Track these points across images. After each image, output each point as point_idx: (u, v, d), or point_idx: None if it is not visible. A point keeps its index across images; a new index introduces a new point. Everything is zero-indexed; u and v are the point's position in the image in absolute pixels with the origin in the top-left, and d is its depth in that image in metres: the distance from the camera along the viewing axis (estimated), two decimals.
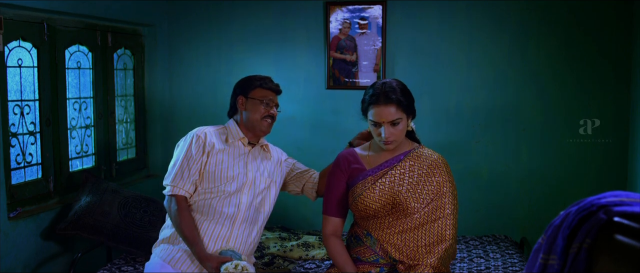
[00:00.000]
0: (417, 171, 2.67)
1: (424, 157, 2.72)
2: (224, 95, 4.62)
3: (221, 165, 2.97)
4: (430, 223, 2.62)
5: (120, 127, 4.45)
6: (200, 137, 3.00)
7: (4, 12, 3.30)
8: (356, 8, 4.42)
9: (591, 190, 3.65)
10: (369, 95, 2.62)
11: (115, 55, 4.34)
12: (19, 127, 3.51)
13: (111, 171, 4.30)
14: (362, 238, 2.70)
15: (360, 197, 2.63)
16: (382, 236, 2.64)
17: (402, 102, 2.58)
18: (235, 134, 3.07)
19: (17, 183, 3.49)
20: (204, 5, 4.66)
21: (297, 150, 4.57)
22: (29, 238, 3.48)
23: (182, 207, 2.92)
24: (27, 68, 3.58)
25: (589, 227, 1.21)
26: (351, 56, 4.46)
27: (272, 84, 3.14)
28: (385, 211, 2.63)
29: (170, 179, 2.96)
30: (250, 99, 3.06)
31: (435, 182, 2.66)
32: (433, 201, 2.64)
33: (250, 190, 3.00)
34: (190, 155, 2.96)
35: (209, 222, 2.93)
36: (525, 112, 4.33)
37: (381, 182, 2.64)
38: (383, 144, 2.62)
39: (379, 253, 2.65)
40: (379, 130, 2.59)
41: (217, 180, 2.95)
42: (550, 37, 4.25)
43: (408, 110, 2.62)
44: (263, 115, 3.05)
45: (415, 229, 2.61)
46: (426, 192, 2.64)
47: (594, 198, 1.26)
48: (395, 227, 2.63)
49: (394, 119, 2.57)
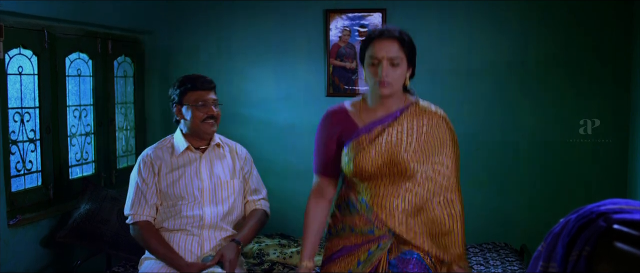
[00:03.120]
0: (416, 128, 2.43)
1: (423, 112, 2.47)
2: (225, 103, 4.63)
3: (175, 182, 2.93)
4: (431, 186, 2.41)
5: (120, 134, 4.45)
6: (146, 162, 2.97)
7: (4, 19, 3.31)
8: (356, 16, 4.43)
9: (591, 196, 3.65)
10: (370, 31, 2.45)
11: (115, 62, 4.35)
12: (19, 134, 3.51)
13: (111, 178, 4.30)
14: (356, 205, 2.45)
15: (355, 159, 2.39)
16: (378, 201, 2.39)
17: (405, 41, 2.39)
18: (181, 144, 2.99)
19: (17, 191, 3.49)
20: (204, 13, 4.67)
21: (296, 158, 4.58)
22: (28, 245, 3.47)
23: (148, 231, 2.91)
24: (27, 75, 3.58)
25: (589, 235, 1.21)
26: (351, 64, 4.47)
27: (204, 82, 2.98)
28: (382, 173, 2.39)
29: (129, 208, 2.96)
30: (185, 105, 2.95)
31: (437, 137, 2.44)
32: (435, 161, 2.41)
33: (212, 198, 2.96)
34: (142, 181, 2.94)
35: (179, 234, 2.92)
36: (524, 117, 4.33)
37: (378, 141, 2.39)
38: (378, 88, 2.37)
39: (374, 223, 2.40)
40: (377, 70, 2.36)
41: (176, 197, 2.93)
42: (549, 41, 4.26)
43: (409, 54, 2.41)
44: (202, 119, 2.93)
45: (415, 193, 2.40)
46: (427, 149, 2.41)
47: (593, 206, 1.26)
48: (392, 190, 2.40)
49: (395, 55, 2.35)
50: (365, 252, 2.43)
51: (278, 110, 4.63)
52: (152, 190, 2.94)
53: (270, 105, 4.64)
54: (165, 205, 2.95)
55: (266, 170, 4.51)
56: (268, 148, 4.63)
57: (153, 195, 2.94)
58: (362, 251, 2.44)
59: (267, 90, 4.64)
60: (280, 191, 4.46)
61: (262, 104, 4.65)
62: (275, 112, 4.63)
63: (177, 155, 2.98)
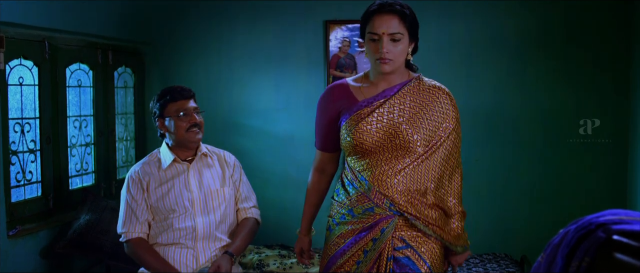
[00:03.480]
0: (418, 101, 2.37)
1: (426, 86, 2.42)
2: (224, 113, 4.65)
3: (165, 195, 2.92)
4: (432, 163, 2.35)
5: (120, 144, 4.45)
6: (134, 179, 2.96)
7: (5, 30, 3.32)
8: (356, 26, 4.45)
9: (591, 207, 3.65)
10: (370, 5, 2.36)
11: (115, 73, 4.36)
12: (19, 145, 3.52)
13: (111, 189, 4.30)
14: (355, 184, 2.38)
15: (353, 131, 2.33)
16: (378, 177, 2.32)
17: (407, 15, 2.31)
18: (167, 157, 2.97)
19: (17, 201, 3.49)
20: (204, 24, 4.69)
21: (295, 168, 4.58)
22: (28, 256, 3.47)
23: (142, 248, 2.90)
24: (28, 86, 3.59)
25: (588, 246, 1.21)
26: (351, 74, 4.48)
27: (182, 91, 2.97)
28: (383, 146, 2.32)
29: (121, 226, 2.95)
30: (167, 117, 2.93)
31: (439, 111, 2.37)
32: (437, 136, 2.36)
33: (203, 208, 2.94)
34: (131, 199, 2.93)
35: (173, 248, 2.90)
36: (524, 129, 4.34)
37: (378, 113, 2.34)
38: (379, 64, 2.31)
39: (374, 200, 2.33)
40: (377, 45, 2.30)
41: (167, 211, 2.91)
42: (548, 54, 4.28)
43: (411, 30, 2.34)
44: (187, 128, 2.91)
45: (417, 166, 2.33)
46: (429, 123, 2.35)
47: (593, 217, 1.26)
48: (393, 166, 2.33)
49: (395, 31, 2.28)
50: (370, 241, 2.35)
51: (278, 121, 4.64)
52: (142, 206, 2.92)
53: (270, 115, 4.64)
54: (157, 220, 2.93)
55: (265, 181, 4.52)
56: (268, 158, 4.63)
57: (143, 212, 2.92)
58: (366, 241, 2.36)
59: (267, 100, 4.65)
60: (279, 201, 4.46)
61: (262, 114, 4.65)
62: (275, 122, 4.64)
63: (165, 168, 2.96)
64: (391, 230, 2.33)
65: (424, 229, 2.34)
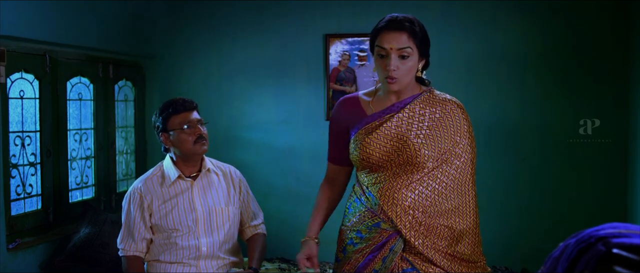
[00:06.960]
0: (428, 114, 2.30)
1: (437, 99, 2.35)
2: (224, 126, 4.66)
3: (168, 213, 2.86)
4: (444, 178, 2.28)
5: (120, 158, 4.46)
6: (135, 197, 2.90)
7: (6, 44, 3.34)
8: (355, 40, 4.47)
9: (591, 222, 3.65)
10: (380, 21, 2.30)
11: (116, 86, 4.37)
12: (20, 158, 3.52)
13: (111, 202, 4.29)
14: (362, 199, 2.35)
15: (361, 145, 2.30)
16: (385, 193, 2.26)
17: (416, 32, 2.23)
18: (172, 173, 2.90)
19: (17, 215, 3.48)
20: (204, 38, 4.71)
21: (296, 181, 4.58)
22: (27, 270, 3.46)
23: (134, 267, 2.88)
24: (28, 99, 3.60)
25: (588, 259, 1.21)
26: (351, 88, 4.49)
27: (184, 102, 2.89)
28: (391, 161, 2.27)
29: (119, 241, 2.95)
30: (171, 131, 2.86)
31: (451, 125, 2.31)
32: (448, 151, 2.29)
33: (207, 227, 2.89)
34: (130, 217, 2.90)
35: (175, 266, 2.87)
36: (524, 141, 4.35)
37: (386, 126, 2.29)
38: (387, 81, 2.25)
39: (381, 217, 2.29)
40: (385, 62, 2.23)
41: (170, 229, 2.86)
42: (548, 67, 4.29)
43: (421, 46, 2.26)
44: (193, 141, 2.84)
45: (427, 185, 2.27)
46: (440, 137, 2.28)
47: (593, 230, 1.26)
48: (401, 181, 2.26)
49: (404, 46, 2.21)
50: (380, 260, 2.30)
51: (278, 134, 4.64)
52: (140, 225, 2.87)
53: (270, 128, 4.65)
54: (160, 238, 2.88)
55: (266, 194, 4.51)
56: (268, 171, 4.63)
57: (141, 231, 2.88)
58: (376, 261, 2.30)
59: (267, 113, 4.66)
60: (280, 215, 4.46)
61: (262, 127, 4.66)
62: (275, 135, 4.65)
63: (168, 185, 2.90)
64: (400, 249, 2.29)
65: (430, 257, 2.26)
